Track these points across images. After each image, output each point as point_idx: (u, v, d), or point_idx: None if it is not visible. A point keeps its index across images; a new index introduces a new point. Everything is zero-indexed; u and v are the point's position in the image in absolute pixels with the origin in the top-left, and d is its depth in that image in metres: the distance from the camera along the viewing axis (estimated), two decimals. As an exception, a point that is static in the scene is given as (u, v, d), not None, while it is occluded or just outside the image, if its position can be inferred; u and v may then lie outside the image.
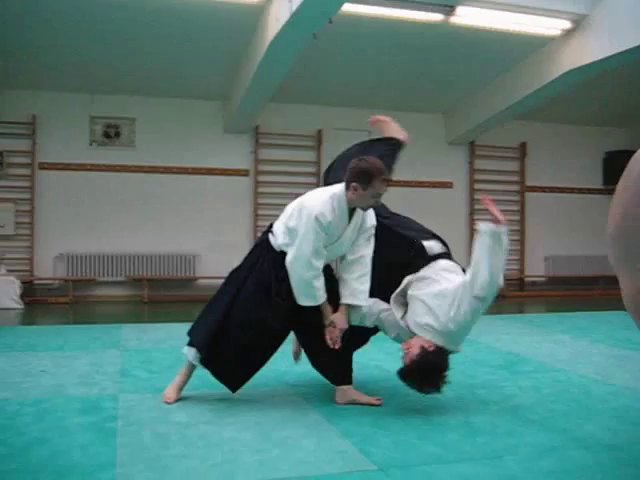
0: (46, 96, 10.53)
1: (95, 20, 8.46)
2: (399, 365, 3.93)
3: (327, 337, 3.88)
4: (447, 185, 12.35)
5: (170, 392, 4.06)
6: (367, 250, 4.04)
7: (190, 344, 4.09)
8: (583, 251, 12.90)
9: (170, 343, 6.28)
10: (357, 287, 3.97)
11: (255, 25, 8.53)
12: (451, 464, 3.00)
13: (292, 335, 4.25)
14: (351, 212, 3.93)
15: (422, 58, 9.74)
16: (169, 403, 3.96)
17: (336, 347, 3.89)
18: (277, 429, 3.49)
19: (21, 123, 10.51)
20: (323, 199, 3.84)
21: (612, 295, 11.72)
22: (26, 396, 4.13)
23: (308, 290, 3.85)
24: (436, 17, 8.22)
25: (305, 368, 4.95)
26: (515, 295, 11.94)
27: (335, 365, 4.09)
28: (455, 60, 9.79)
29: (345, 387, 4.10)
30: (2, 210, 10.37)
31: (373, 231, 4.08)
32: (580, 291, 12.39)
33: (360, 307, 4.01)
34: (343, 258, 4.07)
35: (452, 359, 3.89)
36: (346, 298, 3.96)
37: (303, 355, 4.36)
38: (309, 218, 3.76)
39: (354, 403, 4.02)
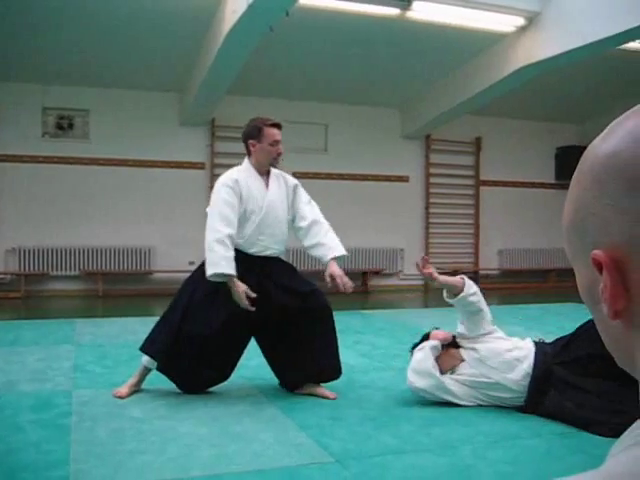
0: (-4, 86, 10.28)
1: (47, 8, 8.28)
2: (356, 357, 3.97)
3: (340, 287, 3.94)
4: (403, 179, 12.44)
5: (123, 388, 4.01)
6: (315, 211, 4.25)
7: (145, 353, 4.05)
8: (535, 244, 13.15)
9: (125, 338, 6.22)
10: (329, 242, 4.12)
11: (211, 16, 8.45)
12: (407, 454, 3.04)
13: None
14: (267, 181, 4.15)
15: (378, 52, 9.78)
16: (121, 398, 3.91)
17: (349, 290, 3.99)
18: (234, 423, 3.48)
19: (-30, 114, 10.26)
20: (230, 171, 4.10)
21: (563, 287, 12.02)
22: (-24, 393, 4.05)
23: (210, 256, 3.81)
24: (392, 11, 8.26)
25: (261, 361, 4.94)
26: (469, 288, 12.08)
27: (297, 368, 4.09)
28: (411, 55, 9.85)
29: None
30: (-50, 203, 10.10)
31: (302, 189, 4.37)
32: (532, 284, 12.62)
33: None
34: (299, 232, 4.22)
35: (406, 352, 3.96)
36: (328, 256, 4.08)
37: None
38: (217, 185, 4.04)
39: (310, 394, 4.03)
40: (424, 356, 3.79)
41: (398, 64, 10.23)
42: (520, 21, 8.65)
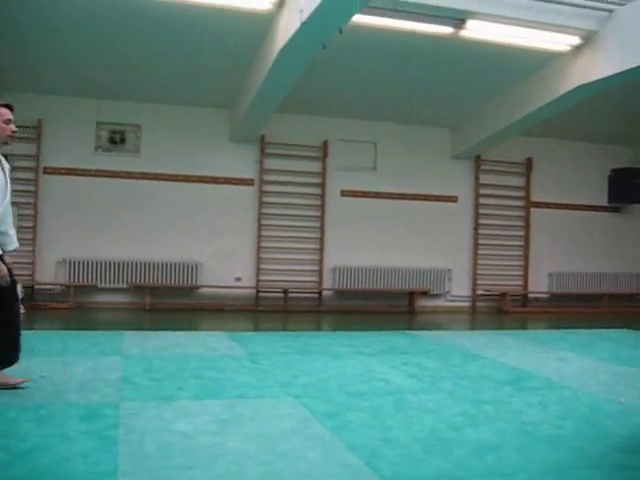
0: (52, 100, 10.50)
1: (104, 26, 8.44)
2: (403, 378, 3.87)
3: None
4: (452, 199, 12.30)
5: None
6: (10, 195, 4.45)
7: None
8: (587, 268, 12.86)
9: (171, 351, 6.23)
10: (14, 235, 4.57)
11: (264, 34, 8.51)
12: (460, 481, 2.94)
13: None
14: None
15: (430, 71, 9.72)
16: None
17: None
18: (281, 441, 3.41)
19: (26, 127, 10.47)
20: None
21: (615, 313, 11.70)
22: (26, 402, 4.06)
23: None
24: (446, 30, 8.20)
25: (309, 380, 4.91)
26: (518, 311, 11.86)
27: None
28: (463, 74, 9.77)
29: None
30: (5, 214, 10.30)
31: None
32: (583, 308, 12.31)
33: None
34: None
35: (457, 374, 3.84)
36: (10, 247, 4.55)
37: None
38: None
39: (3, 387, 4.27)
40: None
41: (450, 83, 10.15)
42: (576, 40, 8.52)
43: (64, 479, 2.77)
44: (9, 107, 4.33)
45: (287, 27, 7.61)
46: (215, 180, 11.15)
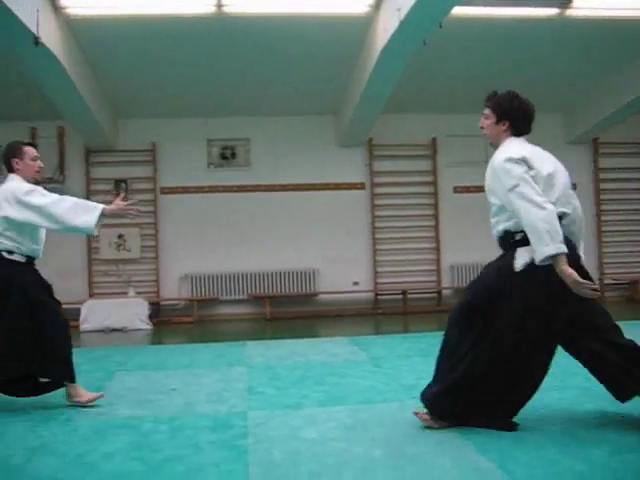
0: (164, 123, 10.92)
1: (206, 46, 8.70)
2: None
3: None
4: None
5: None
6: None
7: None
8: None
9: (294, 359, 6.29)
10: None
11: (363, 37, 8.49)
12: (602, 484, 2.77)
13: None
14: None
15: (538, 56, 9.37)
16: None
17: None
18: (408, 446, 3.35)
19: (143, 151, 10.95)
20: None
21: None
22: (159, 414, 4.19)
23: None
24: (551, 11, 7.90)
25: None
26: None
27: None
28: (573, 54, 9.35)
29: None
30: (129, 235, 10.82)
31: None
32: None
33: None
34: None
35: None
36: None
37: None
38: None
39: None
40: None
41: (560, 65, 9.73)
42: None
43: (198, 490, 2.83)
44: (33, 145, 4.61)
45: (385, 27, 7.56)
46: (325, 187, 11.21)
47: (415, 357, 6.17)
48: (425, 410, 3.64)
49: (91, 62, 9.17)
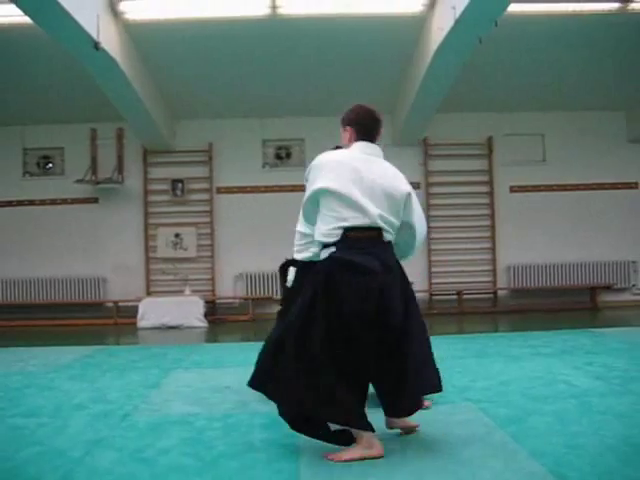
0: (220, 124, 11.08)
1: (261, 48, 8.79)
2: (588, 380, 3.63)
3: None
4: (631, 186, 11.51)
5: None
6: None
7: None
8: None
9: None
10: None
11: (417, 36, 8.45)
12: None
13: None
14: None
15: (598, 52, 9.17)
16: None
17: None
18: (461, 448, 3.32)
19: (199, 151, 11.13)
20: None
21: None
22: (213, 411, 4.26)
23: None
24: (611, 6, 7.72)
25: (488, 383, 4.77)
26: None
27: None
28: (635, 50, 9.11)
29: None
30: (185, 234, 11.01)
31: None
32: None
33: None
34: None
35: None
36: None
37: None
38: None
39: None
40: None
41: (622, 62, 9.50)
42: None
43: (250, 487, 2.88)
44: None
45: (441, 26, 7.51)
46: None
47: (469, 359, 6.10)
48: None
49: (149, 65, 9.37)
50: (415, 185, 11.19)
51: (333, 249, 3.30)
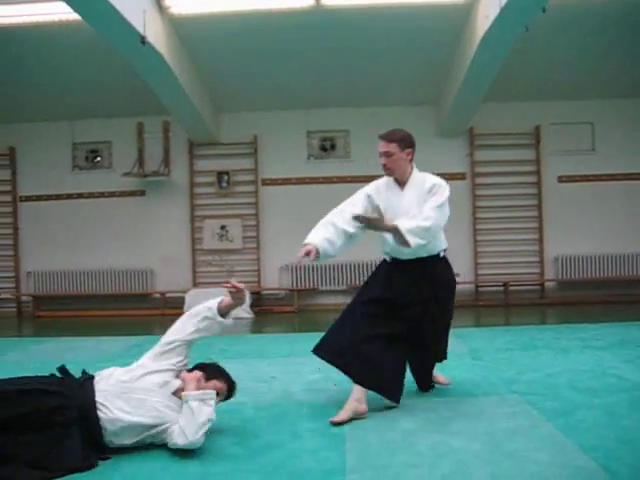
0: (265, 116, 11.12)
1: (305, 39, 8.80)
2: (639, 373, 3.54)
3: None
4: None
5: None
6: None
7: None
8: None
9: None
10: None
11: (463, 25, 8.36)
12: None
13: None
14: None
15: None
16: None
17: None
18: (507, 440, 3.30)
19: (244, 143, 11.20)
20: None
21: None
22: (260, 401, 4.31)
23: None
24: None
25: (535, 376, 4.72)
26: None
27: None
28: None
29: None
30: (231, 225, 11.11)
31: None
32: None
33: None
34: None
35: None
36: None
37: None
38: None
39: None
40: None
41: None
42: None
43: (295, 475, 2.90)
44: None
45: (486, 14, 7.42)
46: (424, 177, 11.09)
47: (515, 351, 6.04)
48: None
49: (194, 58, 9.47)
50: (460, 176, 11.11)
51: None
